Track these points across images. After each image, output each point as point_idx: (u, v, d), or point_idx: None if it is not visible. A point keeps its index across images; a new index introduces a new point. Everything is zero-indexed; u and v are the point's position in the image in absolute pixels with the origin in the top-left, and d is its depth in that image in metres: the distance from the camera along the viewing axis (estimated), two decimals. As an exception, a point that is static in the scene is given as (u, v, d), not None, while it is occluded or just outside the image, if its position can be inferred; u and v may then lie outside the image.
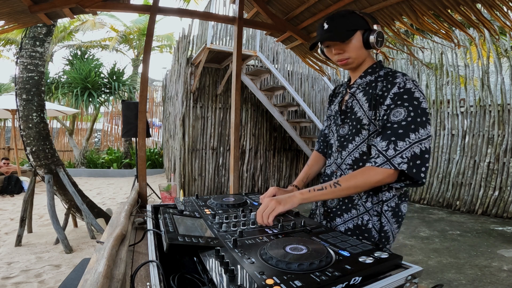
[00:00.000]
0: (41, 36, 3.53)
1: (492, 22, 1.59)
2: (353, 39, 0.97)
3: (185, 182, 5.62)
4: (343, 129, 1.06)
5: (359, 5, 1.87)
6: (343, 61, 1.01)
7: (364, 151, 0.98)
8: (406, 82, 0.90)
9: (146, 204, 1.58)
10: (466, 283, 2.51)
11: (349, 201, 1.02)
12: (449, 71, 5.38)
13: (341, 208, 1.04)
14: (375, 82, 0.98)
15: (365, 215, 0.99)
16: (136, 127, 3.34)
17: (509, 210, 4.55)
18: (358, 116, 1.00)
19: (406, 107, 0.88)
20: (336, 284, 0.55)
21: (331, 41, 0.99)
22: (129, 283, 0.73)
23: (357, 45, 0.97)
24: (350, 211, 1.01)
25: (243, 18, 2.12)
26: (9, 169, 6.58)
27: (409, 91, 0.89)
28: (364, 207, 0.99)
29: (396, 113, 0.88)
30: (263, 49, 6.15)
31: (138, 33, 11.68)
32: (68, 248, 3.17)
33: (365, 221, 0.99)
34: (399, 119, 0.88)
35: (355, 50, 0.98)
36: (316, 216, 1.16)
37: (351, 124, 1.02)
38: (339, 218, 1.04)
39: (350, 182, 0.89)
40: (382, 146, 0.88)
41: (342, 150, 1.05)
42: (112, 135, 11.71)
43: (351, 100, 1.04)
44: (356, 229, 1.00)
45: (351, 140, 1.02)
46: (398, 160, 0.85)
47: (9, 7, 1.66)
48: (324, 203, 1.10)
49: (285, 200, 0.91)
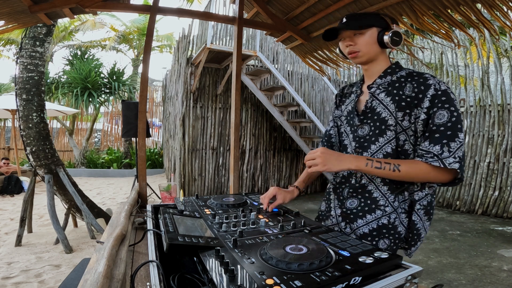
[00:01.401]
0: (41, 36, 3.53)
1: (492, 22, 1.59)
2: (366, 33, 0.99)
3: (185, 182, 5.62)
4: (362, 130, 1.04)
5: (359, 5, 1.87)
6: (353, 53, 1.02)
7: (389, 151, 0.98)
8: (440, 84, 0.92)
9: (146, 204, 1.58)
10: (466, 283, 2.51)
11: (372, 202, 1.00)
12: (449, 71, 5.38)
13: (363, 210, 1.02)
14: (399, 82, 0.98)
15: (392, 214, 0.98)
16: (136, 127, 3.34)
17: (509, 210, 4.55)
18: (383, 116, 0.98)
19: (447, 109, 0.89)
20: (336, 284, 0.55)
21: (343, 29, 1.01)
22: (129, 283, 0.73)
23: (369, 40, 0.99)
24: (374, 212, 1.00)
25: (243, 18, 2.12)
26: (9, 169, 6.58)
27: (445, 92, 0.90)
28: (391, 207, 0.98)
29: (439, 115, 0.89)
30: (263, 49, 6.15)
31: (138, 33, 11.68)
32: (68, 248, 3.17)
33: (392, 219, 0.98)
34: (444, 121, 0.88)
35: (366, 45, 0.99)
36: (330, 217, 1.13)
37: (373, 125, 1.01)
38: (361, 220, 1.02)
39: (411, 172, 0.89)
40: (437, 150, 0.89)
41: (363, 151, 1.03)
42: (112, 135, 11.71)
43: (371, 100, 1.03)
44: (382, 228, 0.99)
45: (373, 141, 1.00)
46: (450, 160, 0.87)
47: (9, 7, 1.66)
48: (342, 205, 1.08)
49: (333, 162, 0.90)
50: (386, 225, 0.98)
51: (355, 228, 1.03)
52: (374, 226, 0.99)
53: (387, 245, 0.98)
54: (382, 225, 0.98)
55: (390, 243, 0.98)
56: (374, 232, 0.99)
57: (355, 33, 1.00)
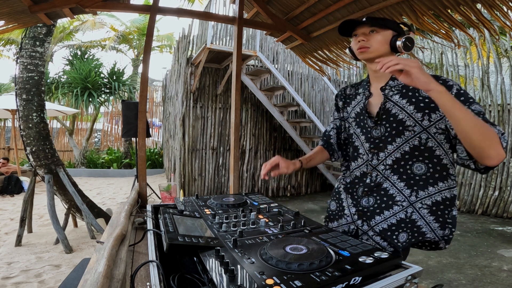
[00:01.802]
0: (41, 36, 3.53)
1: (492, 22, 1.58)
2: (381, 33, 1.01)
3: (185, 182, 5.62)
4: (376, 131, 1.06)
5: (359, 5, 1.87)
6: (363, 48, 1.03)
7: (406, 150, 1.00)
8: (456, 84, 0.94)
9: (146, 204, 1.58)
10: (466, 283, 2.51)
11: (388, 199, 1.02)
12: (449, 71, 5.37)
13: (380, 207, 1.03)
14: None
15: (409, 208, 1.00)
16: (136, 127, 3.34)
17: (509, 210, 4.55)
18: (400, 118, 1.00)
19: (477, 104, 0.90)
20: (336, 284, 0.55)
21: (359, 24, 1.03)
22: (129, 283, 0.73)
23: (381, 40, 1.01)
24: (392, 208, 1.01)
25: (243, 18, 2.12)
26: (9, 169, 6.58)
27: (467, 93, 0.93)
28: (408, 201, 1.00)
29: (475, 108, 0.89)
30: (263, 49, 6.15)
31: (138, 33, 11.68)
32: (68, 248, 3.17)
33: (409, 213, 0.99)
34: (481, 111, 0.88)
35: (378, 43, 1.01)
36: (345, 216, 1.13)
37: (389, 126, 1.02)
38: (379, 216, 1.03)
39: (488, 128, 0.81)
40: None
41: (379, 151, 1.05)
42: (112, 135, 11.71)
43: (384, 102, 1.04)
44: (401, 223, 1.00)
45: (390, 142, 1.02)
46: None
47: (9, 7, 1.66)
48: (357, 203, 1.09)
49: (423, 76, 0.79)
50: (404, 219, 1.00)
51: (374, 225, 1.04)
52: (393, 221, 1.01)
53: (405, 238, 0.99)
54: (400, 220, 1.00)
55: (409, 237, 0.99)
56: (393, 227, 1.01)
57: (370, 31, 1.02)
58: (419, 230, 0.99)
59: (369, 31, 1.02)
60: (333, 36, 2.22)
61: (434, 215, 0.99)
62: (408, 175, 1.00)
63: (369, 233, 1.05)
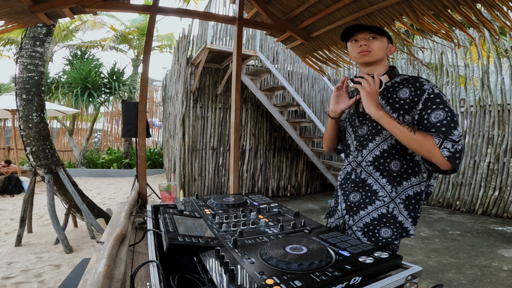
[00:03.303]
0: (41, 36, 3.53)
1: (492, 22, 1.59)
2: (379, 39, 1.09)
3: (185, 182, 5.62)
4: (361, 130, 1.13)
5: (359, 5, 1.87)
6: (365, 51, 1.09)
7: (385, 148, 1.07)
8: (434, 88, 1.00)
9: (146, 204, 1.58)
10: (466, 283, 2.51)
11: (372, 194, 1.08)
12: (449, 71, 5.38)
13: (364, 202, 1.09)
14: (393, 87, 1.08)
15: (390, 203, 1.05)
16: (136, 127, 3.34)
17: (509, 210, 4.55)
18: None
19: (442, 109, 0.96)
20: (336, 284, 0.55)
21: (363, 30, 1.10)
22: (129, 283, 0.73)
23: (381, 46, 1.09)
24: (374, 203, 1.07)
25: (243, 18, 2.12)
26: (9, 169, 6.58)
27: (439, 95, 0.99)
28: (389, 197, 1.06)
29: (436, 115, 0.96)
30: (263, 49, 6.15)
31: (138, 33, 11.67)
32: (68, 248, 3.17)
33: (390, 209, 1.05)
34: (440, 119, 0.95)
35: (379, 48, 1.09)
36: (337, 212, 1.21)
37: (371, 125, 1.10)
38: (363, 211, 1.09)
39: (423, 140, 0.94)
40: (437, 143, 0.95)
41: (363, 149, 1.12)
42: (112, 135, 11.71)
43: None
44: (382, 218, 1.06)
45: (371, 140, 1.10)
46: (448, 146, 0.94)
47: (9, 7, 1.66)
48: (346, 199, 1.15)
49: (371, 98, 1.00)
50: (385, 214, 1.06)
51: (358, 219, 1.10)
52: (375, 215, 1.07)
53: (390, 234, 1.05)
54: (381, 214, 1.06)
55: (394, 233, 1.05)
56: (375, 222, 1.06)
57: (371, 37, 1.09)
58: (402, 226, 1.05)
59: (369, 37, 1.09)
60: (333, 36, 2.22)
61: (407, 210, 1.06)
62: (388, 172, 1.07)
63: (353, 228, 1.11)
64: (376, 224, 1.06)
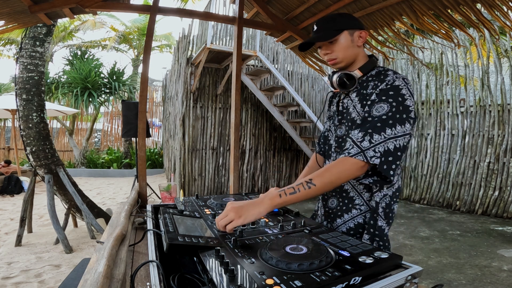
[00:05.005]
0: (41, 36, 3.53)
1: (492, 22, 1.59)
2: (339, 39, 0.98)
3: (185, 182, 5.62)
4: (340, 130, 1.06)
5: (359, 5, 1.87)
6: (331, 60, 1.02)
7: None
8: (396, 79, 0.90)
9: (146, 204, 1.58)
10: (466, 283, 2.51)
11: (349, 201, 1.02)
12: (449, 71, 5.37)
13: (341, 209, 1.03)
14: (367, 82, 0.99)
15: (367, 213, 0.99)
16: (136, 127, 3.34)
17: (509, 210, 4.55)
18: (353, 116, 1.00)
19: (390, 103, 0.87)
20: (336, 284, 0.55)
21: (317, 41, 1.01)
22: (129, 283, 0.73)
23: (345, 44, 0.98)
24: (350, 211, 1.01)
25: (243, 18, 2.12)
26: (9, 169, 6.58)
27: (396, 87, 0.89)
28: (367, 206, 0.99)
29: (379, 108, 0.88)
30: (263, 49, 6.15)
31: (138, 33, 11.68)
32: (68, 248, 3.17)
33: (367, 219, 0.98)
34: (380, 114, 0.87)
35: (342, 50, 0.99)
36: (318, 217, 1.16)
37: (347, 124, 1.02)
38: (339, 219, 1.03)
39: (325, 179, 0.84)
40: (358, 137, 0.88)
41: (340, 150, 1.05)
42: (112, 135, 11.71)
43: (346, 101, 1.05)
44: (359, 228, 1.00)
45: (346, 140, 1.02)
46: (371, 154, 0.85)
47: (9, 7, 1.66)
48: (325, 204, 1.09)
49: (248, 212, 0.79)
50: (361, 224, 0.99)
51: (336, 227, 1.04)
52: (351, 225, 1.01)
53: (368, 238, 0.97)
54: (358, 224, 1.00)
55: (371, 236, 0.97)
56: (351, 232, 1.01)
57: (328, 42, 0.99)
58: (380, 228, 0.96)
59: (327, 42, 0.99)
60: (333, 36, 2.21)
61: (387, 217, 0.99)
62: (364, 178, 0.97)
63: None
64: (353, 234, 0.99)
